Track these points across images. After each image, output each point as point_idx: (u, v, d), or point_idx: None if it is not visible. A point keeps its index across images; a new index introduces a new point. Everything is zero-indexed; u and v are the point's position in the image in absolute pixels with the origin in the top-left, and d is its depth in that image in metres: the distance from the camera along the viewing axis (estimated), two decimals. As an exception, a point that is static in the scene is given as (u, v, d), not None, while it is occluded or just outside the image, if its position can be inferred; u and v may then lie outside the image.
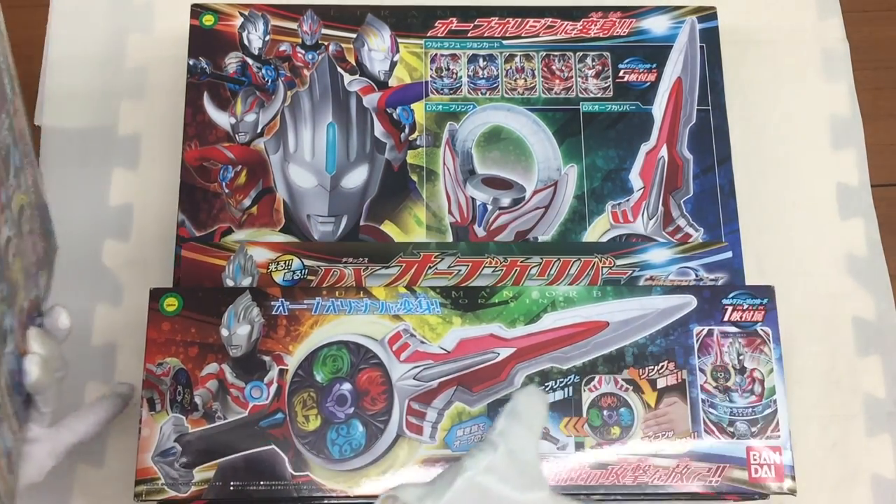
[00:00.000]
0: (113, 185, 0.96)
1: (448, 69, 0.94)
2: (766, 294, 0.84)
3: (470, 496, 0.61)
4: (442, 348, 0.81)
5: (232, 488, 0.78)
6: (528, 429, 0.65)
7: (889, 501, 0.88)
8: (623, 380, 0.82)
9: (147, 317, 0.82)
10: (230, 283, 0.84)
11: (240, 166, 0.90)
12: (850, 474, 0.89)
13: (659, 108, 0.94)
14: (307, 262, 0.86)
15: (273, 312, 0.82)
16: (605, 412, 0.81)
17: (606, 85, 0.94)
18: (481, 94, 0.93)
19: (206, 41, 0.93)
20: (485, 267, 0.87)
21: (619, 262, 0.88)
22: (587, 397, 0.81)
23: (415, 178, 0.91)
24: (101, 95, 0.99)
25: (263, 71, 0.93)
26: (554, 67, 0.95)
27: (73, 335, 0.90)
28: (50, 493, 0.86)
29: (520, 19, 0.95)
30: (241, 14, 0.94)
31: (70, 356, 0.89)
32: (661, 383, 0.82)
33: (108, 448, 0.87)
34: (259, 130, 0.91)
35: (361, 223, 0.89)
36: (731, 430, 0.81)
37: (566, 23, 0.96)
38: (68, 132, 0.97)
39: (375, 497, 0.78)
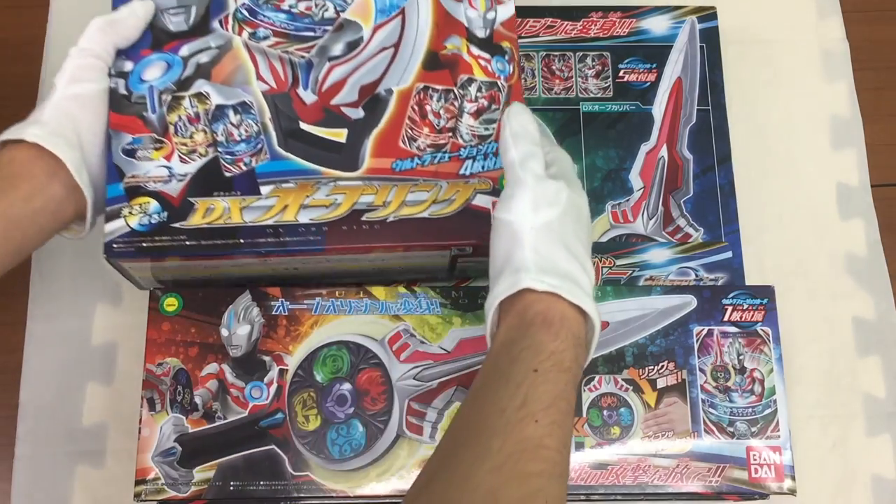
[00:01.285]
0: (113, 184, 0.96)
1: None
2: (765, 294, 0.84)
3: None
4: (442, 348, 0.81)
5: (232, 488, 0.78)
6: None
7: (889, 501, 0.88)
8: (623, 380, 0.82)
9: (147, 317, 0.82)
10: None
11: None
12: (850, 474, 0.89)
13: (659, 108, 0.94)
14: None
15: (273, 312, 0.82)
16: (605, 412, 0.81)
17: (606, 85, 0.94)
18: (481, 94, 0.94)
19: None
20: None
21: (619, 262, 0.89)
22: (587, 397, 0.81)
23: None
24: (101, 95, 0.99)
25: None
26: (554, 67, 0.95)
27: (73, 335, 0.90)
28: (50, 494, 0.86)
29: (520, 19, 0.95)
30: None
31: (70, 356, 0.89)
32: (661, 383, 0.82)
33: (108, 448, 0.87)
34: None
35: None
36: (731, 429, 0.81)
37: (566, 23, 0.96)
38: (68, 132, 0.98)
39: (376, 497, 0.79)
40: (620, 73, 0.95)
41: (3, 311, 0.93)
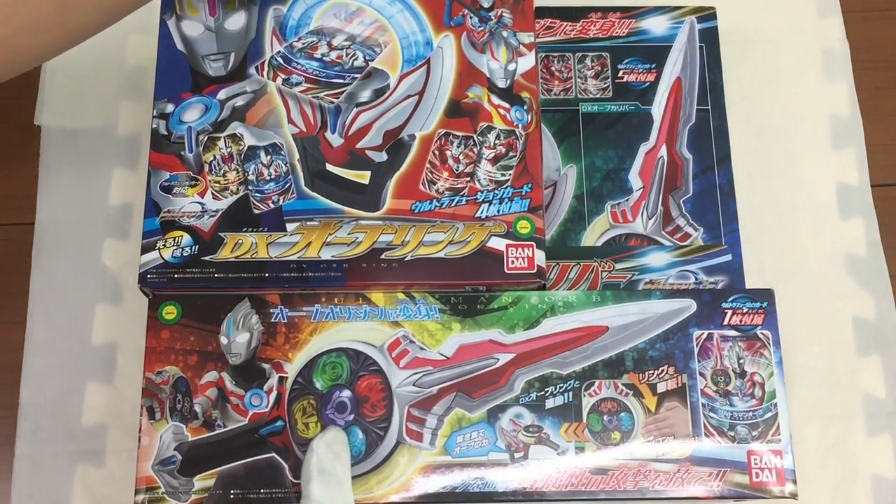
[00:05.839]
0: (113, 185, 0.96)
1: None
2: (765, 297, 0.84)
3: None
4: (441, 354, 0.81)
5: (232, 497, 0.78)
6: (339, 484, 0.74)
7: (889, 501, 0.89)
8: (623, 384, 0.82)
9: (146, 325, 0.81)
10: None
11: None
12: (850, 474, 0.89)
13: (658, 108, 0.93)
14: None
15: (272, 320, 0.82)
16: (605, 417, 0.81)
17: (605, 85, 0.94)
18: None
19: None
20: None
21: (618, 265, 0.89)
22: (587, 402, 0.81)
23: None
24: (101, 95, 0.99)
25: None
26: (553, 68, 0.94)
27: (73, 335, 0.90)
28: (50, 493, 0.87)
29: (519, 19, 0.95)
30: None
31: (70, 356, 0.90)
32: (661, 388, 0.82)
33: (107, 448, 0.88)
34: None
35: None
36: (732, 434, 0.81)
37: (565, 23, 0.95)
38: (68, 132, 0.97)
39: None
40: (620, 74, 0.94)
41: (3, 311, 0.93)
